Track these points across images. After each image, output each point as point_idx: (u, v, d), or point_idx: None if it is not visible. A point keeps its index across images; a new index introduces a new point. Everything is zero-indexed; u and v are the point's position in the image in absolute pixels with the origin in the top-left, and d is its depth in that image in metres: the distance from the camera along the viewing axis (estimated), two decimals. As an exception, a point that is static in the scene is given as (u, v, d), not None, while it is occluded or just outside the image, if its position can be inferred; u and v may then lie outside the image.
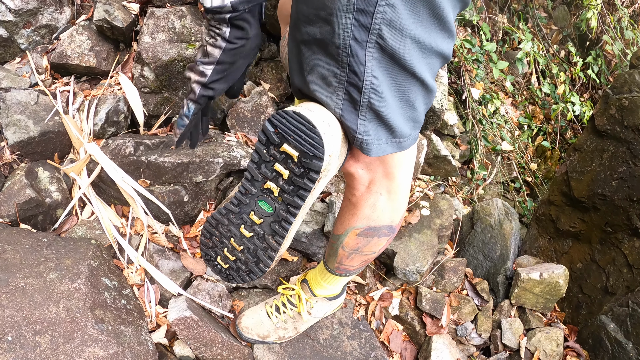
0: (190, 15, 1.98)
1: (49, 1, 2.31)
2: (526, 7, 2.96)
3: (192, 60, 1.88)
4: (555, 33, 3.12)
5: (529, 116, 2.69)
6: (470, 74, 2.24)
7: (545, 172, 2.77)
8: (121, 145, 1.77)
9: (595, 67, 3.07)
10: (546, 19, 3.10)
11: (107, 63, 2.18)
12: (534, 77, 2.70)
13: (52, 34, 2.37)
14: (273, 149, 0.81)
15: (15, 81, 2.22)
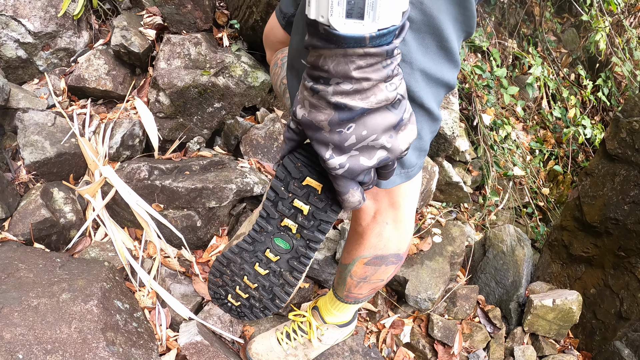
0: (206, 42, 2.03)
1: (68, 25, 2.39)
2: (535, 31, 3.00)
3: (210, 91, 1.92)
4: (565, 56, 3.15)
5: (541, 140, 2.70)
6: (481, 100, 2.26)
7: (558, 197, 2.76)
8: (136, 169, 1.81)
9: (605, 89, 3.09)
10: (555, 43, 3.13)
11: (124, 87, 2.23)
12: (544, 101, 2.72)
13: (70, 56, 2.44)
14: (293, 185, 0.78)
15: (33, 102, 2.28)
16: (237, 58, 2.00)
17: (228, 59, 1.97)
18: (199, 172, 1.80)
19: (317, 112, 0.56)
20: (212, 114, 1.99)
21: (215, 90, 1.95)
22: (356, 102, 0.53)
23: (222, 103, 1.97)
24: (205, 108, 1.97)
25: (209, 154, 1.99)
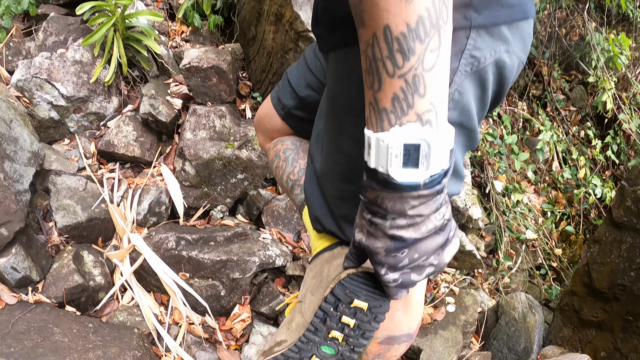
0: (230, 114, 2.23)
1: (99, 91, 2.60)
2: (544, 92, 3.17)
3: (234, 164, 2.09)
4: (574, 114, 3.32)
5: (552, 202, 2.84)
6: (492, 167, 2.42)
7: (571, 256, 2.88)
8: (164, 239, 1.97)
9: (614, 145, 3.24)
10: (564, 101, 3.31)
11: (150, 153, 2.43)
12: (555, 163, 2.87)
13: (100, 120, 2.65)
14: (342, 306, 0.92)
15: (64, 165, 2.48)
16: (260, 131, 2.18)
17: (251, 132, 2.16)
18: (224, 244, 1.96)
19: (375, 240, 0.67)
20: (235, 185, 2.16)
21: (239, 163, 2.13)
22: (410, 233, 0.64)
23: (245, 174, 2.15)
24: (229, 179, 2.14)
25: (232, 223, 2.16)
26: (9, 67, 3.01)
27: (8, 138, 2.23)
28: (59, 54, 2.67)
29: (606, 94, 2.99)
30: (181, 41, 2.58)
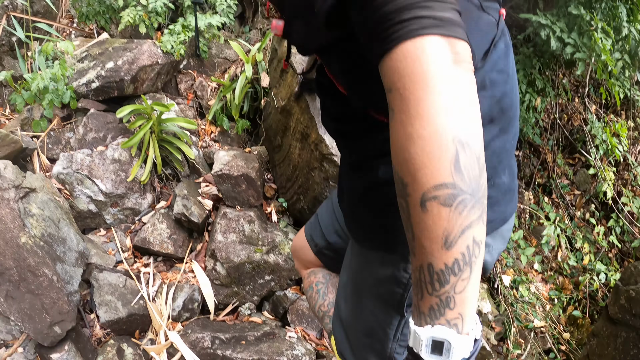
0: (258, 219, 2.50)
1: (135, 188, 2.90)
2: (549, 179, 3.43)
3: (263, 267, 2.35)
4: (579, 198, 3.57)
5: (559, 288, 3.05)
6: (501, 262, 2.66)
7: (579, 339, 3.06)
8: (200, 339, 2.21)
9: (617, 228, 3.46)
10: (569, 186, 3.56)
11: (182, 250, 2.69)
12: (560, 253, 3.09)
13: (135, 215, 2.94)
14: None
15: (103, 258, 2.75)
16: (285, 236, 2.45)
17: (278, 237, 2.42)
18: (254, 343, 2.19)
19: None
20: (262, 285, 2.41)
21: (267, 266, 2.39)
22: None
23: (272, 276, 2.40)
24: (257, 280, 2.40)
25: (259, 320, 2.39)
26: (49, 154, 3.33)
27: (57, 238, 2.50)
28: (99, 151, 2.99)
29: (606, 184, 3.24)
30: (210, 141, 2.89)
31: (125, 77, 2.92)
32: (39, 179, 2.75)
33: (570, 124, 3.68)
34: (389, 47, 0.60)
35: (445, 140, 0.57)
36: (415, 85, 0.58)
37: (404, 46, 0.58)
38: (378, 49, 0.62)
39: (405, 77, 0.58)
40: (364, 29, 0.66)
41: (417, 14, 0.58)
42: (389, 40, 0.60)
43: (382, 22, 0.60)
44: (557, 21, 2.65)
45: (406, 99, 0.58)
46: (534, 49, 2.83)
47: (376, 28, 0.62)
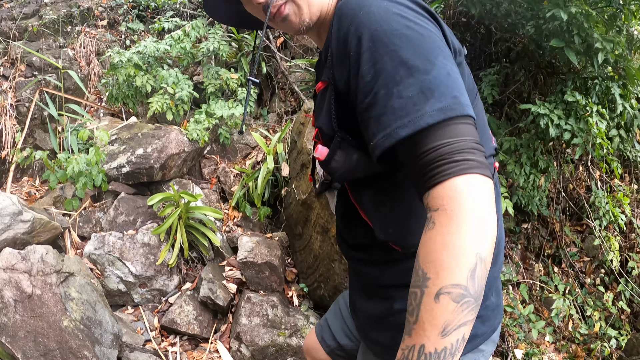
0: (280, 304, 2.65)
1: (163, 271, 3.08)
2: (558, 249, 3.55)
3: (285, 350, 2.48)
4: (588, 264, 3.67)
5: (572, 357, 3.12)
6: (512, 337, 2.76)
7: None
8: None
9: (627, 292, 3.55)
10: (577, 253, 3.67)
11: (207, 330, 2.84)
12: (571, 322, 3.18)
13: (162, 295, 3.10)
14: None
15: (133, 337, 2.89)
16: (307, 319, 2.60)
17: (300, 321, 2.57)
18: None
19: None
20: (285, 368, 2.54)
21: (289, 349, 2.52)
22: None
23: (295, 358, 2.53)
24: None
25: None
26: (80, 232, 3.54)
27: (95, 321, 2.67)
28: (129, 235, 3.19)
29: (611, 253, 3.36)
30: (233, 225, 3.08)
31: (155, 165, 3.15)
32: (76, 262, 2.94)
33: (575, 192, 3.82)
34: (443, 179, 0.77)
35: (471, 254, 0.73)
36: (460, 209, 0.75)
37: (456, 179, 0.76)
38: (430, 180, 0.79)
39: (454, 201, 0.75)
40: (415, 165, 0.82)
41: (466, 157, 0.77)
42: (444, 174, 0.77)
43: (437, 160, 0.78)
44: (555, 108, 2.84)
45: (450, 217, 0.75)
46: (535, 132, 3.01)
47: (430, 164, 0.79)
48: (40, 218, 3.14)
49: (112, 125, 3.89)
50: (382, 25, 0.86)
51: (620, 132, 3.34)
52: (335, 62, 0.94)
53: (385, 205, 1.01)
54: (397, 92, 0.81)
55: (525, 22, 2.94)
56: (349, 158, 0.97)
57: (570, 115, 2.87)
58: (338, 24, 0.93)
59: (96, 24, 5.50)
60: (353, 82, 0.89)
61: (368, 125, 0.86)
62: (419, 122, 0.79)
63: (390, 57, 0.83)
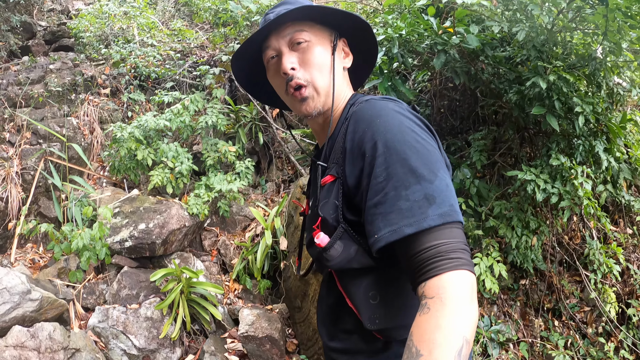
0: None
1: (166, 344, 3.12)
2: (557, 302, 3.59)
3: None
4: (589, 314, 3.69)
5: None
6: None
7: None
8: None
9: (629, 339, 3.56)
10: (578, 304, 3.69)
11: (213, 406, 2.86)
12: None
13: (166, 370, 3.13)
14: None
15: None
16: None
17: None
18: None
19: None
20: None
21: None
22: None
23: None
24: None
25: None
26: (84, 303, 3.60)
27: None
28: (133, 309, 3.24)
29: (608, 304, 3.39)
30: (234, 298, 3.14)
31: (157, 241, 3.24)
32: (81, 338, 2.99)
33: (571, 243, 3.88)
34: (440, 272, 0.89)
35: (459, 336, 0.84)
36: (452, 298, 0.87)
37: (450, 273, 0.89)
38: (429, 272, 0.90)
39: (447, 292, 0.87)
40: (415, 259, 0.93)
41: (458, 256, 0.91)
42: (440, 268, 0.89)
43: (435, 256, 0.91)
44: (541, 173, 2.94)
45: (444, 305, 0.86)
46: (524, 195, 3.09)
47: (429, 259, 0.91)
48: (47, 296, 3.22)
49: (114, 197, 4.00)
50: (396, 135, 1.00)
51: (607, 187, 3.43)
52: (348, 159, 1.06)
53: (376, 298, 1.09)
54: (405, 195, 0.95)
55: (509, 88, 3.07)
56: (347, 249, 1.06)
57: (556, 178, 2.96)
58: (354, 126, 1.07)
59: (99, 92, 5.71)
60: (365, 179, 1.01)
61: (375, 219, 0.97)
62: (422, 223, 0.92)
63: (401, 164, 0.97)
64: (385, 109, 1.07)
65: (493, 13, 3.08)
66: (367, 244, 1.03)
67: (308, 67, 1.17)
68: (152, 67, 5.18)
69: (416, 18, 2.92)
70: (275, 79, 1.22)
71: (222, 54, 4.37)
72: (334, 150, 1.14)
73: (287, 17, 1.16)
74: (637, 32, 2.78)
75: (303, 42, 1.17)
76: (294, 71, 1.16)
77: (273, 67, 1.22)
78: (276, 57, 1.20)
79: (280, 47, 1.19)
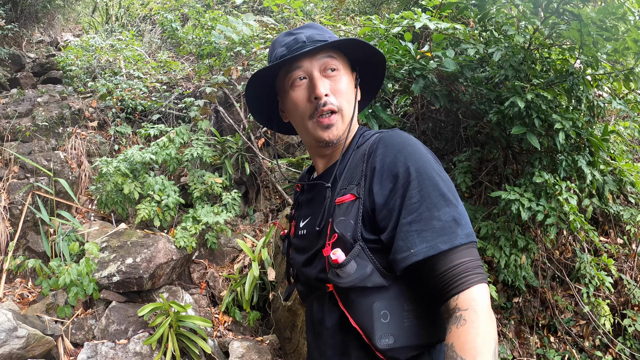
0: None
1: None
2: (552, 318, 3.56)
3: None
4: (585, 327, 3.66)
5: None
6: None
7: None
8: None
9: (626, 350, 3.52)
10: (573, 318, 3.67)
11: None
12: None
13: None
14: None
15: None
16: None
17: None
18: None
19: None
20: None
21: None
22: None
23: None
24: None
25: None
26: (73, 339, 3.54)
27: None
28: (121, 344, 3.19)
29: (603, 317, 3.36)
30: (224, 330, 3.10)
31: (144, 275, 3.20)
32: (69, 378, 2.94)
33: (563, 256, 3.87)
34: (470, 285, 1.01)
35: (492, 339, 0.97)
36: (482, 308, 0.99)
37: (477, 286, 1.01)
38: (461, 285, 1.01)
39: (478, 303, 0.99)
40: (446, 274, 1.03)
41: (480, 271, 1.03)
42: (470, 282, 1.01)
43: (465, 271, 1.02)
44: (525, 191, 2.94)
45: (477, 315, 0.98)
46: (510, 215, 3.09)
47: (461, 274, 1.02)
48: (34, 333, 3.17)
49: (102, 231, 3.97)
50: (425, 163, 1.11)
51: (593, 201, 3.43)
52: (377, 179, 1.13)
53: (387, 317, 1.11)
54: (437, 215, 1.06)
55: (489, 108, 3.09)
56: (362, 268, 1.10)
57: (540, 195, 2.96)
58: (384, 150, 1.15)
59: (86, 125, 5.71)
60: (398, 199, 1.09)
61: (409, 236, 1.06)
62: (454, 241, 1.04)
63: (432, 188, 1.08)
64: (411, 138, 1.17)
65: (469, 35, 3.12)
66: (381, 263, 1.10)
67: (339, 95, 1.21)
68: (138, 100, 5.20)
69: (394, 44, 2.95)
70: (301, 100, 1.23)
71: (206, 85, 4.40)
72: (348, 173, 1.20)
73: (329, 45, 1.21)
74: (613, 44, 2.81)
75: (335, 70, 1.22)
76: (327, 97, 1.19)
77: (300, 88, 1.23)
78: (304, 79, 1.22)
79: (312, 71, 1.21)
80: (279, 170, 3.73)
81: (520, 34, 2.91)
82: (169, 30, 4.77)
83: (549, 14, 2.81)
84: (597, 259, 3.60)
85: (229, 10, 5.96)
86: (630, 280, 3.95)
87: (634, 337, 3.74)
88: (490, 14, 2.98)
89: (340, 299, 1.15)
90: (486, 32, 3.23)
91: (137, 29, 8.12)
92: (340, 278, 1.10)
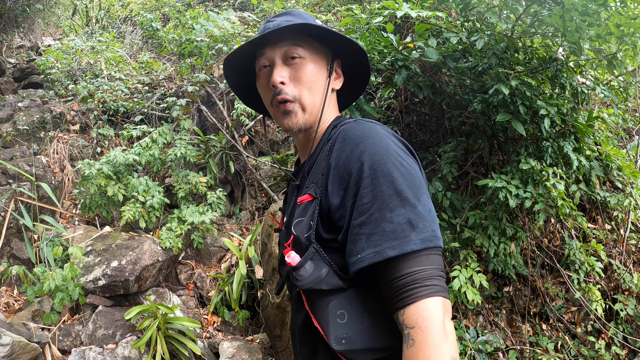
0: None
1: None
2: (544, 306, 3.56)
3: None
4: (577, 314, 3.66)
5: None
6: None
7: None
8: None
9: (619, 334, 3.53)
10: (564, 305, 3.67)
11: None
12: (567, 383, 3.15)
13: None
14: None
15: None
16: None
17: None
18: None
19: None
20: None
21: None
22: None
23: None
24: None
25: None
26: (60, 345, 3.46)
27: None
28: (109, 349, 3.13)
29: (594, 303, 3.36)
30: (214, 331, 3.04)
31: (130, 278, 3.14)
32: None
33: (552, 244, 3.86)
34: (416, 300, 0.91)
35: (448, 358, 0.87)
36: (432, 326, 0.89)
37: (426, 300, 0.91)
38: (405, 299, 0.92)
39: (426, 320, 0.90)
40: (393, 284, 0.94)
41: (434, 282, 0.93)
42: (416, 296, 0.91)
43: (412, 283, 0.92)
44: (512, 179, 2.92)
45: (426, 334, 0.89)
46: (497, 203, 3.07)
47: (406, 286, 0.92)
48: (19, 340, 3.10)
49: (87, 235, 3.90)
50: (383, 157, 1.00)
51: (580, 186, 3.43)
52: (332, 176, 1.05)
53: (344, 317, 1.06)
54: (389, 217, 0.95)
55: (473, 98, 3.07)
56: (318, 270, 1.04)
57: (528, 182, 2.95)
58: (341, 144, 1.06)
59: (68, 129, 5.61)
60: (350, 199, 1.00)
61: (358, 239, 0.97)
62: (405, 247, 0.93)
63: (387, 186, 0.97)
64: (374, 130, 1.06)
65: (452, 25, 3.10)
66: (337, 265, 1.03)
67: (298, 83, 1.16)
68: (120, 101, 5.11)
69: (376, 36, 2.91)
70: (263, 88, 1.21)
71: (188, 84, 4.33)
72: (314, 169, 1.13)
73: (287, 30, 1.15)
74: (596, 30, 2.80)
75: (297, 58, 1.16)
76: (283, 85, 1.15)
77: (263, 76, 1.20)
78: (268, 67, 1.19)
79: (274, 58, 1.17)
80: (264, 167, 3.67)
81: (502, 21, 2.89)
82: (150, 30, 4.69)
83: (530, 1, 2.79)
84: (586, 245, 3.59)
85: (210, 9, 5.90)
86: (619, 265, 3.96)
87: (626, 322, 3.74)
88: (472, 3, 2.95)
89: (306, 298, 1.11)
90: (468, 23, 3.20)
91: (117, 31, 8.00)
92: (297, 281, 1.05)
